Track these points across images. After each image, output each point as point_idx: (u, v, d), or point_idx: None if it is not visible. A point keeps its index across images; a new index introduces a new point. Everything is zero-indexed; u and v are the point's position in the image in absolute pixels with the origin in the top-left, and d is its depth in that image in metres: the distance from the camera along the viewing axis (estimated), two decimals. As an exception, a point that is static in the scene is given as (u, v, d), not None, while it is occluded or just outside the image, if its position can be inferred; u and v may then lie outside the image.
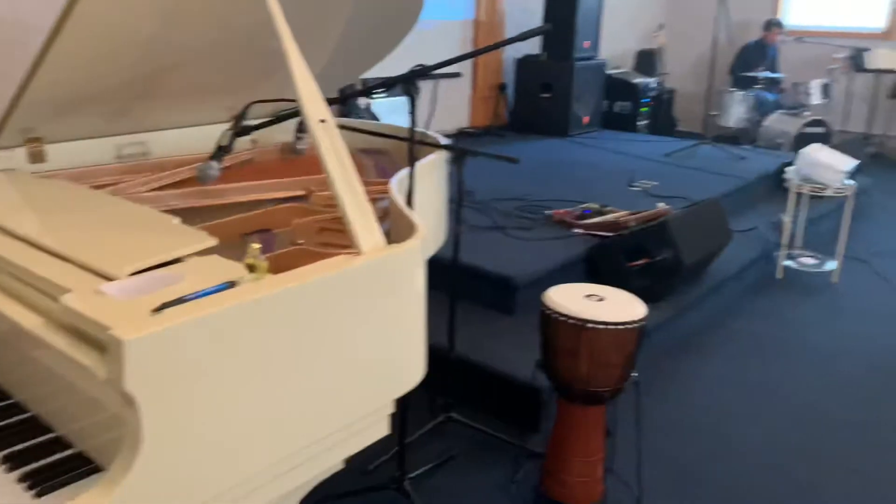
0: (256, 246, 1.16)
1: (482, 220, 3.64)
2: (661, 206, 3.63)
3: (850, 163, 3.87)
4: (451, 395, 2.31)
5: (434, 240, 2.12)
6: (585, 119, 6.44)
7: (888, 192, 5.93)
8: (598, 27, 6.39)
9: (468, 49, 6.23)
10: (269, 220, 1.69)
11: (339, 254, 1.19)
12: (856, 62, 7.11)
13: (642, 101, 7.08)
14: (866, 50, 7.07)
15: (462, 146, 2.07)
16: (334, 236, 1.61)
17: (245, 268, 1.15)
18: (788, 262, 4.07)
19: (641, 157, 5.51)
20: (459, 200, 2.10)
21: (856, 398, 2.78)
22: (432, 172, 2.10)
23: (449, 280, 2.22)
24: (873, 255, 4.37)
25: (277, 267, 1.20)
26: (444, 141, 2.31)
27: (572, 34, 6.14)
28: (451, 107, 6.24)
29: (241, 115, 1.75)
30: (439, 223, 2.18)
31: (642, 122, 7.14)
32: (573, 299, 2.00)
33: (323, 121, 1.28)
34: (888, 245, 4.61)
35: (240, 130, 1.73)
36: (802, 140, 6.36)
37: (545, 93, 6.30)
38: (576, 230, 3.51)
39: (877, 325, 3.48)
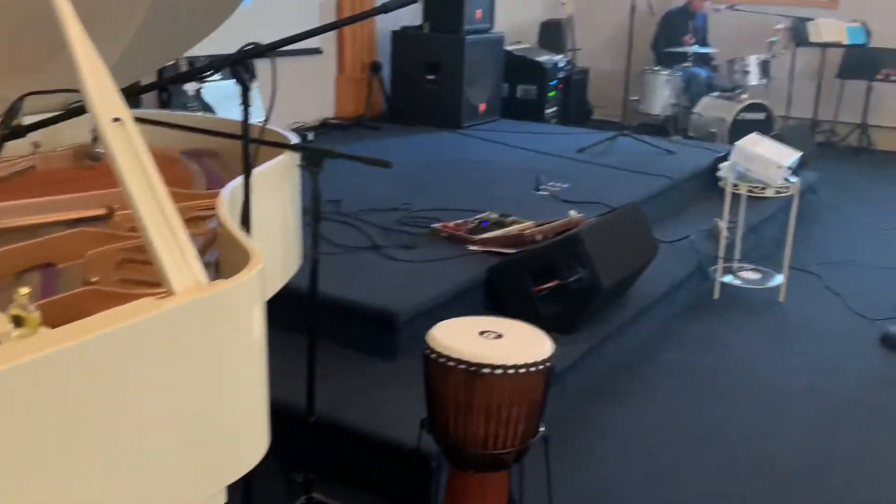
0: (24, 291, 1.09)
1: (352, 238, 3.64)
2: (574, 214, 3.74)
3: (793, 156, 4.12)
4: (312, 469, 2.27)
5: (282, 269, 2.09)
6: (481, 107, 6.58)
7: (839, 188, 6.38)
8: (492, -7, 6.56)
9: (331, 18, 6.24)
10: (51, 252, 1.59)
11: (144, 295, 1.14)
12: (797, 34, 7.63)
13: (549, 83, 7.32)
14: (809, 20, 7.61)
15: (317, 146, 2.05)
16: (140, 271, 1.52)
17: (9, 320, 1.08)
18: (727, 279, 4.28)
19: (550, 154, 5.66)
20: (315, 214, 2.07)
21: (807, 440, 2.94)
22: (278, 180, 2.08)
23: (306, 318, 2.18)
24: (825, 266, 4.68)
25: (60, 316, 1.14)
26: (293, 139, 2.28)
27: (460, 1, 6.26)
28: (310, 93, 6.22)
29: (12, 110, 1.67)
30: (289, 246, 2.15)
31: (550, 110, 7.38)
32: (464, 338, 2.02)
33: (117, 119, 1.22)
34: (841, 252, 4.95)
35: (11, 130, 1.65)
36: (740, 128, 6.73)
37: (430, 74, 6.39)
38: (471, 247, 3.55)
39: (830, 350, 3.71)
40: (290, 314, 2.21)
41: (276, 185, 2.02)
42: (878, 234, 5.29)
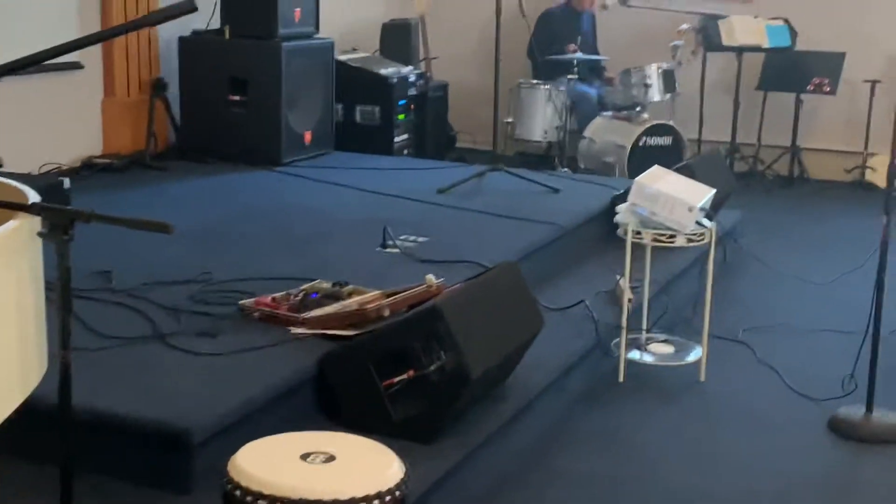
0: None
1: (127, 325, 3.55)
2: (433, 279, 3.75)
3: (707, 192, 4.26)
4: None
5: (19, 378, 1.98)
6: (307, 136, 6.62)
7: (768, 230, 6.70)
8: (315, -15, 6.62)
9: (94, 21, 6.13)
10: None
11: None
12: (707, 36, 8.04)
13: (398, 103, 7.44)
14: (720, 18, 8.02)
15: (61, 206, 1.97)
16: None
17: None
18: (634, 355, 4.38)
19: (401, 197, 5.71)
20: (65, 300, 2.00)
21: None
22: (7, 256, 1.97)
23: (59, 444, 2.11)
24: (754, 332, 4.85)
25: None
26: (29, 194, 2.18)
27: (273, -1, 6.28)
28: (67, 123, 6.08)
29: None
30: (28, 346, 2.05)
31: (400, 139, 7.50)
32: (281, 465, 1.99)
33: None
34: (774, 314, 5.16)
35: None
36: (642, 156, 7.07)
37: (235, 94, 6.38)
38: (294, 330, 3.51)
39: (766, 442, 3.80)
40: (37, 440, 2.13)
41: (6, 264, 1.92)
42: (818, 289, 5.53)
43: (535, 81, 7.80)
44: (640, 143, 7.32)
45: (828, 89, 7.98)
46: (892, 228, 3.72)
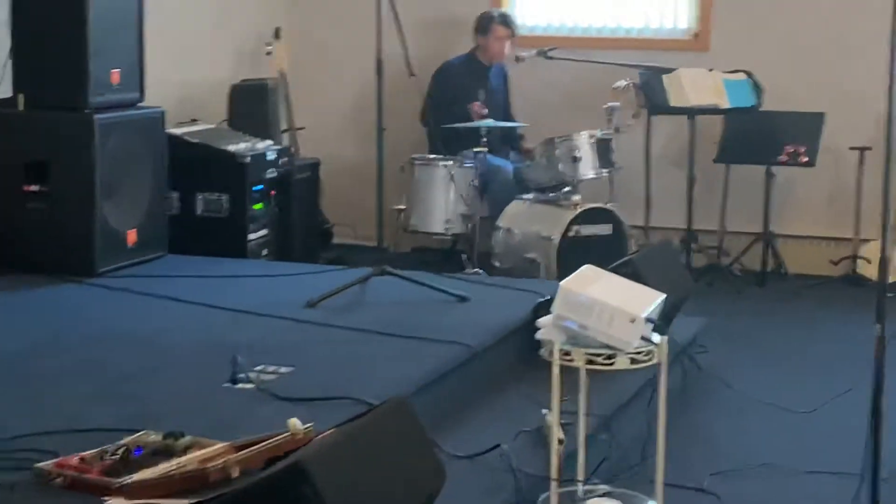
0: None
1: None
2: (297, 424, 3.70)
3: (656, 298, 4.26)
4: None
5: None
6: (131, 236, 6.56)
7: (736, 343, 6.80)
8: (138, 40, 6.60)
9: None
10: None
11: None
12: (651, 95, 8.17)
13: (253, 189, 7.42)
14: (666, 71, 8.16)
15: None
16: None
17: None
18: (566, 515, 4.31)
19: (256, 314, 5.68)
20: None
21: None
22: None
23: None
24: (722, 478, 4.82)
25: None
26: None
27: (82, 56, 6.24)
28: None
29: None
30: None
31: (257, 235, 7.46)
32: None
33: None
34: (746, 453, 5.14)
35: None
36: (573, 252, 7.15)
37: (34, 182, 6.31)
38: (109, 501, 3.40)
39: None
40: None
41: None
42: (800, 420, 5.55)
43: (432, 156, 7.87)
44: (571, 234, 7.38)
45: (805, 159, 8.11)
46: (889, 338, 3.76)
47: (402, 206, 7.68)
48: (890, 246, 3.97)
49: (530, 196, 7.76)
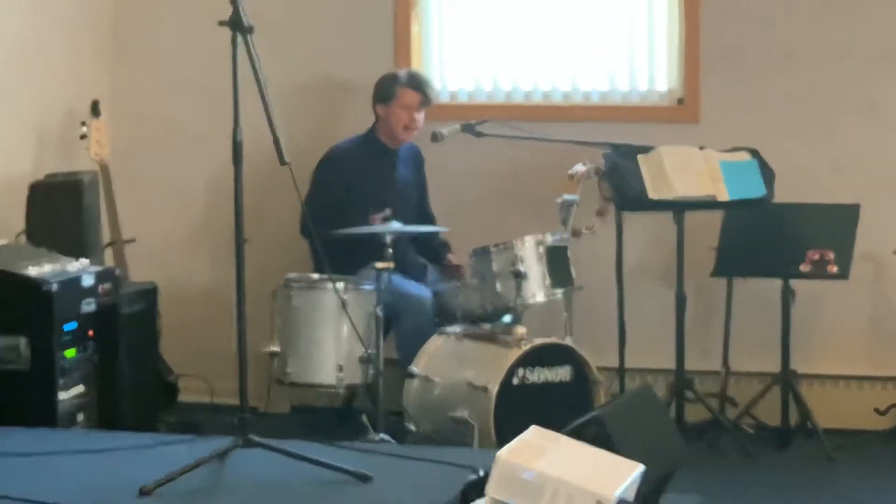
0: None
1: None
2: None
3: (631, 471, 4.22)
4: None
5: None
6: None
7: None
8: None
9: None
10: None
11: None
12: (620, 185, 7.78)
13: (63, 329, 7.15)
14: (641, 150, 7.85)
15: None
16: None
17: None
18: None
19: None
20: None
21: None
22: None
23: None
24: None
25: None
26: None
27: None
28: None
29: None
30: None
31: (70, 395, 7.19)
32: None
33: None
34: None
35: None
36: (518, 407, 7.01)
37: None
38: None
39: None
40: None
41: None
42: None
43: (317, 276, 7.59)
44: (515, 382, 7.17)
45: (835, 269, 7.82)
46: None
47: (276, 349, 7.43)
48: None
49: (457, 329, 7.56)
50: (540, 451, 4.19)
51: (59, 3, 8.65)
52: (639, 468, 4.24)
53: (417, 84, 8.10)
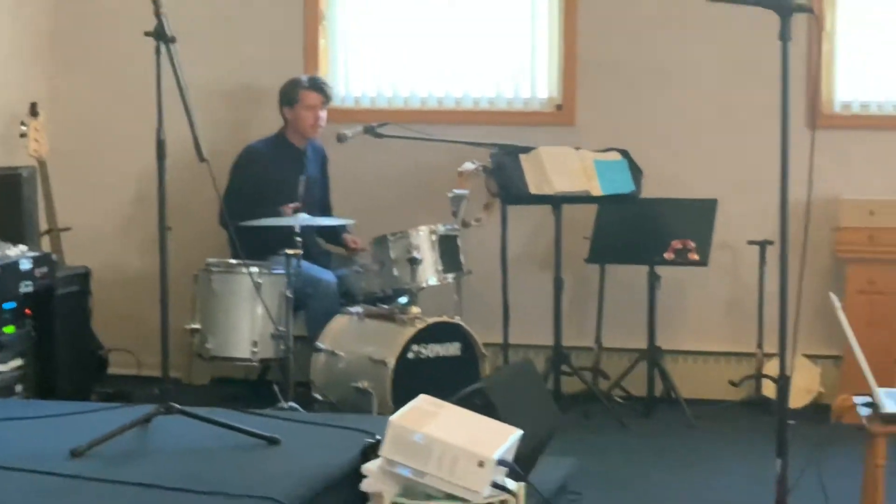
0: None
1: None
2: None
3: (509, 435, 4.31)
4: None
5: None
6: None
7: (617, 486, 6.83)
8: None
9: None
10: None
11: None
12: (505, 181, 8.14)
13: (2, 307, 7.32)
14: (523, 150, 8.19)
15: None
16: None
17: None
18: None
19: (5, 468, 5.44)
20: None
21: None
22: None
23: None
24: None
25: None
26: None
27: None
28: None
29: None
30: None
31: (8, 368, 7.35)
32: None
33: None
34: None
35: None
36: (413, 378, 7.31)
37: None
38: None
39: None
40: None
41: None
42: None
43: (234, 262, 7.83)
44: (410, 356, 7.44)
45: (695, 257, 8.18)
46: (792, 476, 3.75)
47: (197, 326, 7.68)
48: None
49: (358, 309, 7.79)
50: (428, 417, 4.26)
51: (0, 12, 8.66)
52: (517, 432, 4.35)
53: (317, 86, 8.43)
